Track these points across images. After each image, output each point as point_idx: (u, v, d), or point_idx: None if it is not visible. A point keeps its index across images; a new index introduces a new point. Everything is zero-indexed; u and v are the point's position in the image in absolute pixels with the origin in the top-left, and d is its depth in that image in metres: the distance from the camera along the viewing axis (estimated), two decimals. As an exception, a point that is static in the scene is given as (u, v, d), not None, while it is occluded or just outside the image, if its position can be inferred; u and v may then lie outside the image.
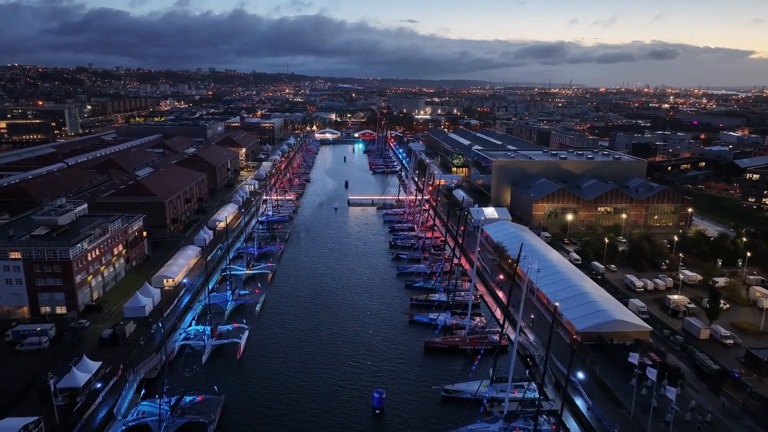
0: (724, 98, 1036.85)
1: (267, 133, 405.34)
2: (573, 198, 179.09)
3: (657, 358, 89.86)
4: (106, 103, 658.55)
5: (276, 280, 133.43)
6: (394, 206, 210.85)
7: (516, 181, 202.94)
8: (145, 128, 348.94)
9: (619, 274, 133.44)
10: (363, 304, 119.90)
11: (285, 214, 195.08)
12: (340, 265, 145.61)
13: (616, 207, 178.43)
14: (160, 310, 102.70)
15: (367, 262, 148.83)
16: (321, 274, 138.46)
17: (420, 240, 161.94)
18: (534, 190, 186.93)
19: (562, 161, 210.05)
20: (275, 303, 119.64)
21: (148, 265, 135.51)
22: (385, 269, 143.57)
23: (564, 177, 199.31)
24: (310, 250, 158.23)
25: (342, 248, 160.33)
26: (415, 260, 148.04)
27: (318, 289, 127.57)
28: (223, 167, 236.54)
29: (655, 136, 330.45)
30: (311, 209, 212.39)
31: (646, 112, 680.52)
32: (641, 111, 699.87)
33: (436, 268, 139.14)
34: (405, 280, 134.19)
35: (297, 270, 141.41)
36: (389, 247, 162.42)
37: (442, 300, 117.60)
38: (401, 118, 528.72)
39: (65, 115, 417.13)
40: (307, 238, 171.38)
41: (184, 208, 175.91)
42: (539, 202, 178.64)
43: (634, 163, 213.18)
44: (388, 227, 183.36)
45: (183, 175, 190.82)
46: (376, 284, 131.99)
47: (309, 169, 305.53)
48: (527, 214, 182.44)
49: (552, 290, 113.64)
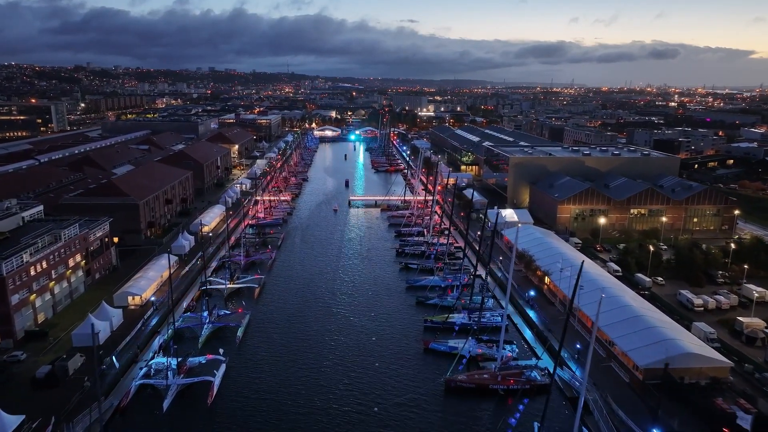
0: (729, 97, 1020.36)
1: (263, 130, 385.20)
2: (602, 199, 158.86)
3: (749, 406, 69.78)
4: (99, 100, 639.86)
5: (264, 296, 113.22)
6: (399, 207, 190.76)
7: (535, 180, 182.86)
8: (133, 124, 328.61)
9: (668, 288, 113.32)
10: (367, 326, 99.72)
11: (278, 217, 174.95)
12: (339, 276, 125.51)
13: (650, 209, 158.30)
14: (119, 337, 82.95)
15: (370, 272, 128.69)
16: (317, 287, 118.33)
17: (431, 247, 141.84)
18: (557, 189, 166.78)
19: (586, 158, 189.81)
20: (262, 325, 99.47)
21: (116, 278, 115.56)
22: (393, 281, 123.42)
23: (588, 175, 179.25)
24: (306, 259, 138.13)
25: (342, 256, 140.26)
26: (427, 271, 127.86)
27: (313, 308, 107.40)
28: (212, 165, 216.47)
29: (676, 133, 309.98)
30: (308, 211, 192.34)
31: (654, 109, 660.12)
32: (650, 109, 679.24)
33: (452, 280, 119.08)
34: (416, 294, 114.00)
35: (289, 283, 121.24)
36: (396, 254, 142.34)
37: (464, 323, 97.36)
38: (404, 115, 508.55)
39: (52, 112, 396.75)
40: (303, 243, 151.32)
41: (163, 210, 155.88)
42: (564, 204, 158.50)
43: (665, 159, 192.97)
44: (394, 231, 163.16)
45: (164, 173, 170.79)
46: (382, 301, 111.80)
47: (307, 167, 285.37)
48: (550, 217, 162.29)
49: (596, 310, 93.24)
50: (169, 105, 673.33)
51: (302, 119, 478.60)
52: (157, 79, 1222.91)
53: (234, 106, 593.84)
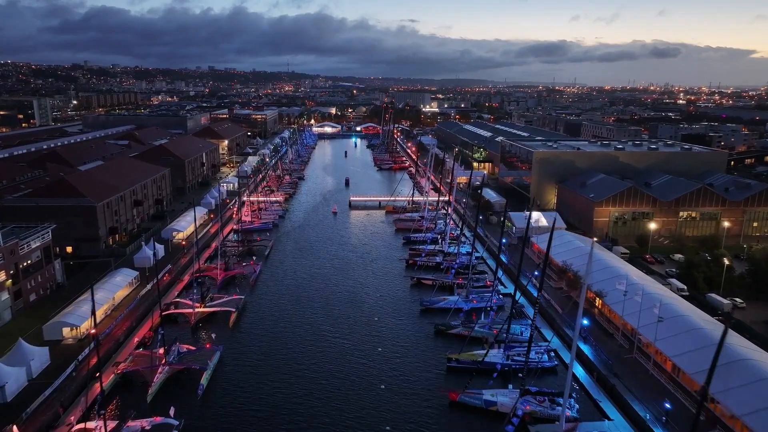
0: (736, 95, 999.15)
1: (258, 126, 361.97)
2: (646, 200, 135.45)
3: None
4: (91, 97, 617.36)
5: (242, 324, 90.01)
6: (407, 209, 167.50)
7: (562, 178, 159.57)
8: (117, 119, 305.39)
9: (751, 312, 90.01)
10: (374, 368, 76.53)
11: (268, 221, 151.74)
12: (337, 295, 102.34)
13: (703, 211, 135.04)
14: (40, 389, 59.99)
15: (375, 290, 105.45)
16: (310, 311, 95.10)
17: (448, 257, 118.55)
18: (592, 189, 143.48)
19: (619, 153, 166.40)
20: (235, 368, 76.25)
21: (60, 300, 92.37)
22: (403, 302, 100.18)
23: (623, 172, 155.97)
24: (298, 272, 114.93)
25: (341, 268, 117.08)
26: (445, 288, 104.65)
27: (304, 340, 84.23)
28: (196, 161, 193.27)
29: (703, 128, 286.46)
30: (303, 213, 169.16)
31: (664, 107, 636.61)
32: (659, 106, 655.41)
33: (477, 301, 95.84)
34: (433, 320, 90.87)
35: (275, 304, 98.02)
36: (405, 266, 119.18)
37: (504, 364, 73.88)
38: (407, 112, 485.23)
39: (34, 107, 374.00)
40: (295, 252, 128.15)
41: (131, 212, 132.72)
42: (602, 205, 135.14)
43: (710, 154, 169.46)
44: (402, 238, 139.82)
45: (135, 170, 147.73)
46: (390, 329, 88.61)
47: (304, 164, 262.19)
48: (585, 221, 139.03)
49: (680, 349, 70.11)
50: (164, 102, 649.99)
51: (300, 115, 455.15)
52: (156, 77, 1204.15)
53: (231, 103, 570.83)
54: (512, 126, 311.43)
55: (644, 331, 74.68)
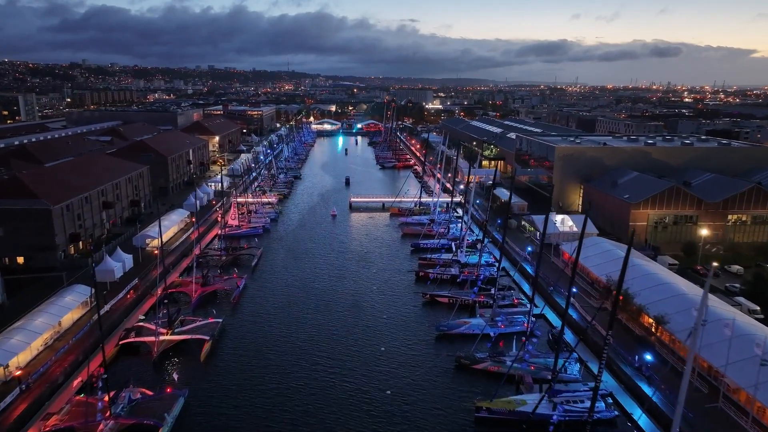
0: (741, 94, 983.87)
1: (255, 123, 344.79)
2: (690, 201, 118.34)
3: None
4: (84, 94, 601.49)
5: (217, 357, 72.89)
6: (413, 212, 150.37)
7: (588, 177, 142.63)
8: (103, 114, 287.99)
9: None
10: (379, 416, 59.48)
11: (258, 225, 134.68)
12: (336, 317, 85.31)
13: (756, 214, 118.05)
14: None
15: (382, 309, 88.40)
16: (302, 337, 78.08)
17: (465, 270, 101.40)
18: (626, 189, 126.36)
19: (651, 148, 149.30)
20: (204, 419, 59.17)
21: None
22: (414, 325, 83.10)
23: (657, 170, 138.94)
24: (290, 286, 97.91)
25: (341, 282, 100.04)
26: (465, 308, 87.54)
27: (293, 381, 67.14)
28: (181, 159, 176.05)
29: (727, 123, 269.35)
30: (299, 216, 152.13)
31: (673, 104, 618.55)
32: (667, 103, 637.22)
33: (505, 325, 78.84)
34: (453, 348, 73.84)
35: (260, 330, 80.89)
36: (415, 279, 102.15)
37: (560, 418, 56.73)
38: (410, 109, 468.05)
39: (20, 103, 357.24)
40: (288, 262, 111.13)
41: (99, 216, 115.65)
42: (639, 208, 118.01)
43: (753, 150, 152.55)
44: (410, 244, 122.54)
45: (108, 167, 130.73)
46: (400, 363, 71.50)
47: (301, 163, 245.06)
48: (618, 225, 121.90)
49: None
50: (159, 100, 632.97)
51: (299, 112, 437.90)
52: (155, 76, 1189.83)
53: (228, 101, 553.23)
54: (522, 122, 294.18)
55: (734, 374, 57.60)
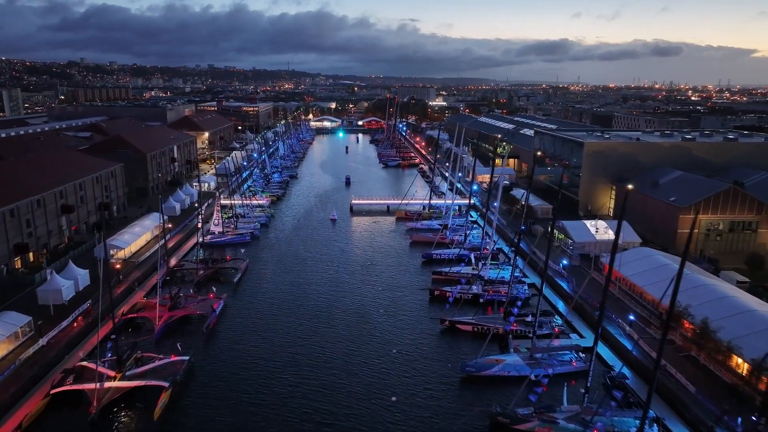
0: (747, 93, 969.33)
1: (250, 120, 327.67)
2: (750, 205, 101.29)
3: None
4: (78, 91, 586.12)
5: (178, 410, 55.81)
6: (422, 216, 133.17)
7: (621, 176, 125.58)
8: (88, 109, 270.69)
9: None
10: None
11: (246, 232, 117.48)
12: (335, 349, 68.30)
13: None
14: None
15: (391, 340, 71.36)
16: (290, 378, 61.10)
17: (490, 288, 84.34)
18: (671, 190, 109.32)
19: (691, 144, 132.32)
20: None
21: None
22: (433, 364, 66.04)
23: (698, 168, 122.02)
24: (279, 310, 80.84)
25: (340, 301, 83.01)
26: (499, 336, 70.43)
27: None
28: (164, 156, 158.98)
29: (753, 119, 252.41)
30: (293, 220, 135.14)
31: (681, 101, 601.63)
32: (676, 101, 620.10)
33: (549, 366, 61.80)
34: (485, 398, 56.93)
35: (239, 371, 63.77)
36: (429, 297, 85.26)
37: None
38: (413, 105, 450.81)
39: (4, 99, 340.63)
40: (278, 276, 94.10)
41: (56, 222, 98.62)
42: (690, 212, 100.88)
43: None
44: (421, 255, 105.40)
45: (73, 165, 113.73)
46: (418, 420, 54.50)
47: (298, 161, 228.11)
48: (662, 232, 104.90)
49: None
50: (154, 97, 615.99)
51: (297, 109, 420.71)
52: (153, 75, 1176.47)
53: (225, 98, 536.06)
54: (533, 118, 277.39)
55: None
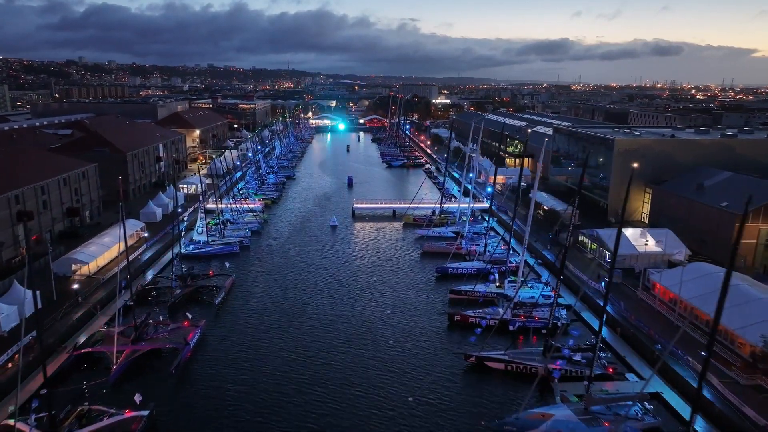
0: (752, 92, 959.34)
1: (247, 117, 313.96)
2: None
3: None
4: (72, 90, 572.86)
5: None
6: (433, 222, 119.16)
7: (656, 178, 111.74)
8: (74, 106, 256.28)
9: None
10: None
11: (235, 241, 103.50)
12: (338, 394, 54.45)
13: None
14: None
15: (405, 384, 57.44)
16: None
17: (521, 313, 70.46)
18: (720, 193, 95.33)
19: (733, 141, 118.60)
20: None
21: None
22: (460, 415, 52.17)
23: (742, 167, 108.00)
24: (268, 342, 66.93)
25: (344, 329, 69.13)
26: (532, 376, 56.52)
27: None
28: (147, 155, 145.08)
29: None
30: (289, 226, 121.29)
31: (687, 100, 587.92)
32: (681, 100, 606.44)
33: (609, 421, 47.89)
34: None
35: (214, 427, 50.00)
36: (447, 323, 71.47)
37: None
38: (416, 103, 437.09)
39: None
40: (269, 296, 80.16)
41: (9, 231, 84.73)
42: (747, 220, 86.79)
43: None
44: (434, 269, 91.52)
45: (36, 165, 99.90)
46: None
47: (296, 161, 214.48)
48: (712, 243, 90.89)
49: None
50: (151, 95, 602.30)
51: (296, 107, 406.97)
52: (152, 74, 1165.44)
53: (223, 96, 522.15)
54: (543, 116, 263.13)
55: None
